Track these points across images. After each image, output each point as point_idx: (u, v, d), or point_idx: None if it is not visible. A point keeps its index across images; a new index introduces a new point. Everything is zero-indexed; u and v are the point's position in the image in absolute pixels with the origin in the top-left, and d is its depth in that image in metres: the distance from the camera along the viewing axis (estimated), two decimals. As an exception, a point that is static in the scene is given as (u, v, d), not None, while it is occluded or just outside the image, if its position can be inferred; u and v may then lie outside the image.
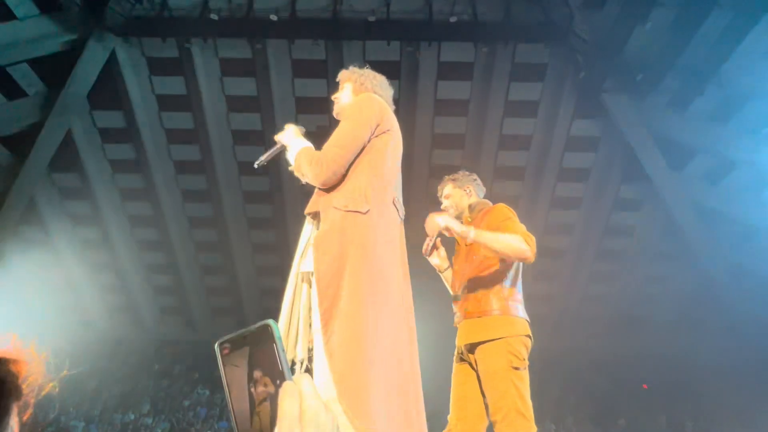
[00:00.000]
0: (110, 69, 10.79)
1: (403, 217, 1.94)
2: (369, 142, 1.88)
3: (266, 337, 0.58)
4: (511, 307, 2.35)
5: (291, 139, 1.99)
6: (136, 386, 14.16)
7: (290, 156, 1.97)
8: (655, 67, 9.76)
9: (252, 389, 0.57)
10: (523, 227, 2.36)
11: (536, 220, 13.38)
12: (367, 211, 1.67)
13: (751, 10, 8.09)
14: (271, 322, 0.59)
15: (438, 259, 2.57)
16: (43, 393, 0.81)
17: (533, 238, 2.28)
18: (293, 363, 1.69)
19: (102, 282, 14.59)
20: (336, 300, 1.53)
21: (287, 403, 0.53)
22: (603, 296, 14.96)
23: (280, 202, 13.10)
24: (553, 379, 14.98)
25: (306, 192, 2.03)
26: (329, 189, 1.83)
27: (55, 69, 10.40)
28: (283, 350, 0.58)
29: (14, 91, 10.56)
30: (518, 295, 2.46)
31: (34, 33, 9.75)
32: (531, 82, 11.34)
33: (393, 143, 1.95)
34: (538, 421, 2.24)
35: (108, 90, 11.08)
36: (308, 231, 1.86)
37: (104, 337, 14.94)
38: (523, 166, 12.70)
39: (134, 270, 14.62)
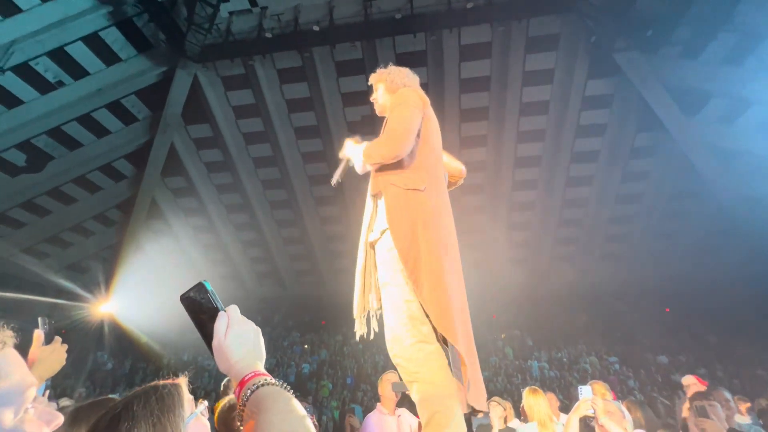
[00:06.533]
0: (195, 90, 11.20)
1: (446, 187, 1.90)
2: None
3: (203, 290, 0.75)
4: None
5: (351, 150, 1.89)
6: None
7: (356, 163, 1.85)
8: (665, 20, 8.64)
9: (203, 321, 0.75)
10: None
11: (558, 174, 12.72)
12: (424, 189, 1.65)
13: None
14: (203, 281, 0.76)
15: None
16: None
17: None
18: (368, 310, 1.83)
19: (211, 257, 15.73)
20: (417, 262, 1.59)
21: (218, 323, 0.74)
22: (625, 235, 14.10)
23: (339, 183, 13.25)
24: (582, 310, 14.53)
25: (356, 175, 2.02)
26: (385, 170, 1.75)
27: (154, 96, 10.97)
28: (215, 294, 0.75)
29: (129, 118, 11.30)
30: None
31: (136, 69, 10.25)
32: (545, 52, 10.47)
33: (433, 127, 1.84)
34: (570, 343, 2.15)
35: (196, 107, 11.54)
36: (370, 207, 1.86)
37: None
38: (544, 128, 11.94)
39: (234, 246, 15.60)
